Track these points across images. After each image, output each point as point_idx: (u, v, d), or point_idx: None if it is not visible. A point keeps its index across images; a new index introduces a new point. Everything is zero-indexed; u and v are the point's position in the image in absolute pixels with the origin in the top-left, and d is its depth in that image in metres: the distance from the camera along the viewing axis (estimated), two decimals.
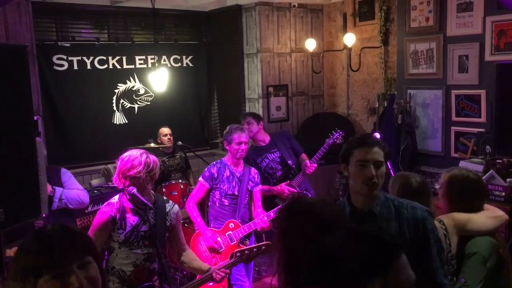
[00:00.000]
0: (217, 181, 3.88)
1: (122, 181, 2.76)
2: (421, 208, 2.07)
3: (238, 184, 3.89)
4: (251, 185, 3.98)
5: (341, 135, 4.60)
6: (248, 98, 6.25)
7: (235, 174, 3.92)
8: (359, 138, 2.15)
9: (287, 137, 4.98)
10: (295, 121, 6.34)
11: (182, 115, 6.39)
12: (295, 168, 4.67)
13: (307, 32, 6.28)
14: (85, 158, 5.59)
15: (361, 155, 2.02)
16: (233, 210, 3.89)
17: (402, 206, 2.06)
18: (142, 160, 2.74)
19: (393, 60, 5.47)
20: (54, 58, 5.42)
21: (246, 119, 4.76)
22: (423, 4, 4.82)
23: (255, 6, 5.89)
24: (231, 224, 3.84)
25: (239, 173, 3.93)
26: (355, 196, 2.09)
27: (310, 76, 6.39)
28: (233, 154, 3.89)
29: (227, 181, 3.88)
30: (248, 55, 6.15)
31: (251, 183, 3.97)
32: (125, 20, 6.09)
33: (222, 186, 3.87)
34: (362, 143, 2.06)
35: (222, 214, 3.91)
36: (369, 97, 5.93)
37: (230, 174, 3.91)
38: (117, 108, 5.94)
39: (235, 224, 3.84)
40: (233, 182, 3.89)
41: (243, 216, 3.94)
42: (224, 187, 3.87)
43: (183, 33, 6.63)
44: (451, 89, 4.68)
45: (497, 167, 4.05)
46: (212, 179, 3.89)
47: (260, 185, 4.11)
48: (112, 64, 5.83)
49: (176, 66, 6.34)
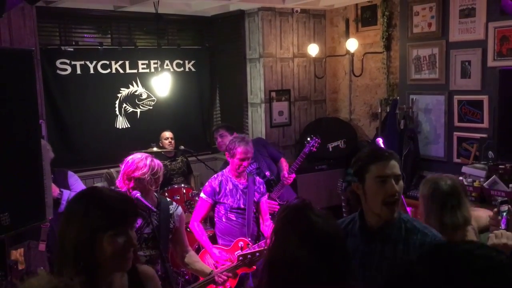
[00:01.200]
0: (220, 196, 3.67)
1: (126, 182, 2.77)
2: (433, 235, 1.90)
3: (243, 197, 3.67)
4: (258, 197, 3.76)
5: (317, 142, 4.48)
6: (250, 102, 6.26)
7: (238, 186, 3.70)
8: (373, 152, 2.00)
9: (263, 144, 4.81)
10: (298, 126, 6.35)
11: (184, 120, 6.40)
12: (273, 179, 4.46)
13: (310, 37, 6.30)
14: (88, 162, 5.60)
15: (380, 170, 1.87)
16: (242, 225, 3.66)
17: (413, 231, 1.90)
18: (148, 162, 2.77)
19: (395, 66, 5.48)
20: (57, 62, 5.44)
21: (219, 132, 4.67)
22: (426, 10, 4.83)
23: (258, 11, 5.91)
24: (240, 243, 3.58)
25: (242, 185, 3.71)
26: (370, 215, 1.94)
27: (312, 81, 6.40)
28: (233, 168, 3.69)
29: (230, 194, 3.66)
30: (250, 60, 6.16)
31: (257, 194, 3.76)
32: (128, 25, 6.11)
33: (226, 201, 3.66)
34: (379, 158, 1.90)
35: (230, 230, 3.68)
36: (372, 102, 5.94)
37: (233, 187, 3.69)
38: (120, 113, 5.95)
39: (244, 244, 3.57)
40: (237, 195, 3.68)
41: (253, 230, 3.73)
42: (229, 201, 3.65)
43: (186, 38, 6.65)
44: (454, 95, 4.69)
45: (500, 172, 4.06)
46: (214, 194, 3.67)
47: (266, 195, 3.92)
48: (115, 68, 5.85)
49: (179, 71, 6.36)
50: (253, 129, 6.27)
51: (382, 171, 1.87)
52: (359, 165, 1.94)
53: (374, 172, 1.88)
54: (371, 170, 1.88)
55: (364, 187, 1.91)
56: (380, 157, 1.91)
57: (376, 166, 1.88)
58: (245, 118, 6.37)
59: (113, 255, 1.47)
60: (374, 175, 1.88)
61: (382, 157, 1.90)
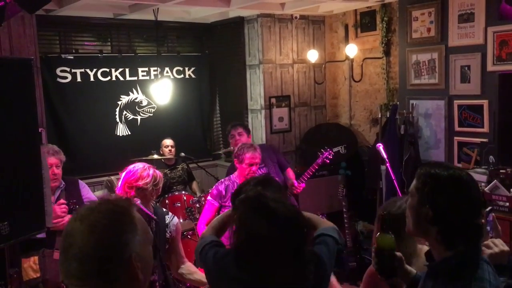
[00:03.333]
0: (226, 199, 3.72)
1: (126, 191, 2.76)
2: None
3: None
4: None
5: (331, 154, 4.48)
6: (250, 109, 6.26)
7: None
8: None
9: (273, 150, 4.82)
10: (298, 132, 6.35)
11: (184, 127, 6.39)
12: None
13: (309, 43, 6.31)
14: (88, 170, 5.58)
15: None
16: None
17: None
18: (150, 172, 2.77)
19: (395, 71, 5.49)
20: (57, 70, 5.45)
21: (238, 130, 4.64)
22: (425, 15, 4.84)
23: (257, 18, 5.92)
24: None
25: None
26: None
27: (312, 87, 6.41)
28: (242, 174, 3.75)
29: None
30: (250, 66, 6.17)
31: None
32: (128, 33, 6.13)
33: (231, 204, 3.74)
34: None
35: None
36: (372, 107, 5.94)
37: None
38: (120, 120, 5.95)
39: None
40: None
41: None
42: None
43: (185, 45, 6.67)
44: (454, 99, 4.69)
45: (501, 177, 4.04)
46: (221, 197, 3.73)
47: None
48: (115, 76, 5.85)
49: (179, 78, 6.37)
50: (253, 135, 6.26)
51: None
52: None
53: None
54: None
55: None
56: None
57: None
58: None
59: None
60: None
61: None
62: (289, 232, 1.62)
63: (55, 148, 3.44)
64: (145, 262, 1.26)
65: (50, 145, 3.63)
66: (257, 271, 1.62)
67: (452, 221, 1.53)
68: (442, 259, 1.57)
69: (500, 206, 3.91)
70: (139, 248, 1.23)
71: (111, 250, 1.18)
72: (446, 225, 1.53)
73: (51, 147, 3.47)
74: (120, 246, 1.19)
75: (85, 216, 1.21)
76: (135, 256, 1.21)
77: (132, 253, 1.21)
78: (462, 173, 1.58)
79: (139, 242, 1.24)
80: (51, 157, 3.32)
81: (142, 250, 1.25)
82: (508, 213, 3.83)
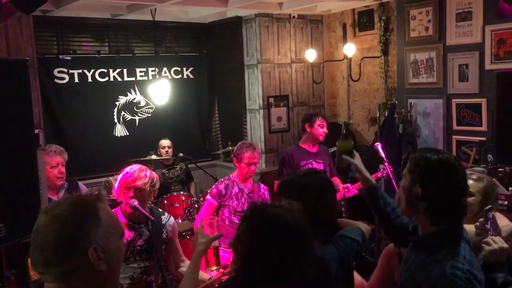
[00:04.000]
0: (225, 198, 3.71)
1: (124, 192, 2.75)
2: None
3: (247, 201, 3.69)
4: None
5: (391, 171, 4.12)
6: (249, 109, 6.25)
7: (244, 190, 3.75)
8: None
9: (328, 153, 4.74)
10: (296, 131, 6.34)
11: (183, 127, 6.39)
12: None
13: (307, 42, 6.31)
14: (87, 171, 5.57)
15: None
16: None
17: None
18: (148, 173, 2.76)
19: (393, 70, 5.48)
20: (55, 71, 5.44)
21: (321, 120, 4.50)
22: (422, 14, 4.83)
23: (255, 18, 5.91)
24: None
25: (248, 190, 3.77)
26: None
27: (310, 87, 6.40)
28: (241, 173, 3.75)
29: (235, 197, 3.71)
30: (248, 66, 6.16)
31: (261, 199, 3.79)
32: (126, 33, 6.12)
33: (231, 203, 3.70)
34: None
35: (233, 233, 3.73)
36: (370, 106, 5.93)
37: (238, 190, 3.74)
38: (118, 121, 5.94)
39: None
40: (242, 198, 3.72)
41: None
42: (233, 204, 3.70)
43: (183, 45, 6.66)
44: (452, 98, 4.68)
45: (500, 175, 4.03)
46: (220, 196, 3.72)
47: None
48: (113, 76, 5.85)
49: (177, 78, 6.36)
50: (252, 135, 6.27)
51: None
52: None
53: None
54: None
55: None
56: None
57: None
58: (243, 124, 6.37)
59: None
60: None
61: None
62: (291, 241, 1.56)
63: (59, 147, 3.49)
64: (111, 254, 1.30)
65: (54, 145, 3.66)
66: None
67: (439, 198, 1.69)
68: (426, 233, 1.73)
69: (499, 205, 3.90)
70: (102, 240, 1.27)
71: (70, 240, 1.24)
72: (433, 201, 1.69)
73: (56, 146, 3.52)
74: (79, 237, 1.25)
75: (50, 209, 1.29)
76: (96, 248, 1.25)
77: (92, 244, 1.25)
78: (450, 156, 1.75)
79: (102, 235, 1.28)
80: (58, 156, 3.38)
81: (107, 242, 1.29)
82: (507, 211, 3.82)
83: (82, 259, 1.25)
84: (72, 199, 1.32)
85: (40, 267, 1.27)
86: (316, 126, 4.30)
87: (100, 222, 1.29)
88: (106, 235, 1.30)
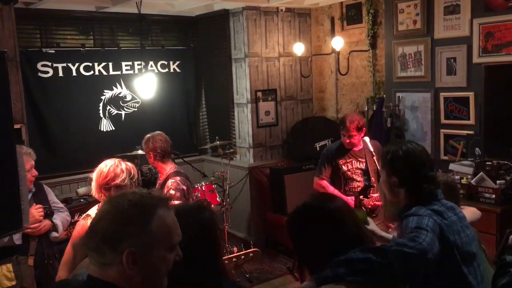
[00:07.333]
0: (188, 194, 3.68)
1: (103, 192, 2.67)
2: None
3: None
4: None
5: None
6: (236, 103, 6.20)
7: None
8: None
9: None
10: (284, 126, 6.31)
11: (170, 121, 6.31)
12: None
13: (295, 36, 6.26)
14: (72, 166, 5.49)
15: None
16: None
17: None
18: (123, 167, 2.68)
19: (381, 63, 5.46)
20: (38, 65, 5.32)
21: (347, 131, 4.09)
22: (410, 7, 4.82)
23: (243, 11, 5.85)
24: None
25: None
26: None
27: (298, 80, 6.36)
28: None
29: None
30: (236, 59, 6.10)
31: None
32: (111, 26, 6.01)
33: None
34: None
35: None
36: (358, 100, 5.91)
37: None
38: (104, 115, 5.85)
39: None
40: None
41: None
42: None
43: (170, 38, 6.57)
44: (440, 92, 4.68)
45: (487, 169, 4.05)
46: (185, 195, 3.66)
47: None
48: (98, 70, 5.74)
49: (164, 72, 6.28)
50: (239, 130, 6.22)
51: None
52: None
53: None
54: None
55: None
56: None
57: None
58: (231, 118, 6.31)
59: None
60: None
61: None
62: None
63: (29, 148, 3.33)
64: (149, 264, 1.26)
65: (24, 146, 3.53)
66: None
67: (412, 180, 2.05)
68: (404, 207, 2.06)
69: (486, 198, 3.92)
70: (142, 247, 1.24)
71: (112, 235, 1.24)
72: (408, 184, 2.06)
73: (27, 148, 3.37)
74: (120, 235, 1.24)
75: (114, 198, 1.33)
76: (132, 252, 1.22)
77: (129, 247, 1.23)
78: (413, 145, 2.11)
79: (145, 242, 1.25)
80: (31, 158, 3.21)
81: (148, 250, 1.26)
82: (494, 205, 3.84)
83: (117, 258, 1.24)
84: (136, 195, 1.31)
85: (86, 249, 1.29)
86: (341, 135, 4.07)
87: (148, 228, 1.26)
88: (150, 244, 1.26)
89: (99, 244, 1.25)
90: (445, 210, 2.00)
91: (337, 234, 1.58)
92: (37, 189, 3.30)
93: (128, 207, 1.27)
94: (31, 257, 3.08)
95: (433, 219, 1.91)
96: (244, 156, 6.17)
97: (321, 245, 1.57)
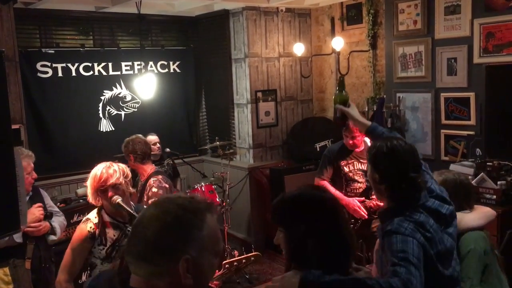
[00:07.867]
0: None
1: (100, 195, 2.66)
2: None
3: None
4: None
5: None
6: (236, 103, 6.19)
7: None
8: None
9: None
10: (284, 126, 6.29)
11: (170, 122, 6.30)
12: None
13: (295, 36, 6.25)
14: (72, 167, 5.48)
15: None
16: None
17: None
18: (116, 167, 2.67)
19: (381, 64, 5.45)
20: (38, 65, 5.31)
21: (349, 131, 4.14)
22: (411, 7, 4.80)
23: (243, 11, 5.84)
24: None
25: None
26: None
27: (298, 81, 6.35)
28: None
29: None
30: (236, 60, 6.09)
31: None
32: (111, 26, 6.00)
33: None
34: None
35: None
36: (358, 101, 5.89)
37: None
38: (104, 115, 5.84)
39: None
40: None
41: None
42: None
43: (170, 39, 6.56)
44: (440, 92, 4.66)
45: (488, 170, 4.03)
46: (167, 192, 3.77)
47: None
48: (97, 70, 5.73)
49: (163, 72, 6.27)
50: (239, 130, 6.20)
51: None
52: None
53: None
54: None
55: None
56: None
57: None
58: (231, 119, 6.30)
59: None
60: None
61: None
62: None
63: (29, 151, 3.32)
64: (201, 270, 1.22)
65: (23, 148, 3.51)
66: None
67: (392, 179, 2.00)
68: (385, 208, 2.07)
69: (487, 199, 3.90)
70: (196, 254, 1.20)
71: (167, 243, 1.18)
72: (388, 182, 2.01)
73: (27, 150, 3.35)
74: (177, 243, 1.19)
75: (161, 203, 1.26)
76: (188, 259, 1.18)
77: (185, 255, 1.18)
78: (400, 143, 2.04)
79: (199, 248, 1.21)
80: (31, 161, 3.20)
81: (201, 257, 1.21)
82: (495, 205, 3.82)
83: (172, 266, 1.18)
84: (183, 200, 1.26)
85: (131, 257, 1.22)
86: (343, 136, 4.08)
87: (201, 234, 1.22)
88: (203, 250, 1.22)
89: (148, 252, 1.18)
90: (426, 220, 1.92)
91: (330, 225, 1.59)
92: (33, 192, 3.29)
93: (180, 212, 1.21)
94: (28, 260, 3.06)
95: (417, 240, 1.83)
96: (244, 156, 6.16)
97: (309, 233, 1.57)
